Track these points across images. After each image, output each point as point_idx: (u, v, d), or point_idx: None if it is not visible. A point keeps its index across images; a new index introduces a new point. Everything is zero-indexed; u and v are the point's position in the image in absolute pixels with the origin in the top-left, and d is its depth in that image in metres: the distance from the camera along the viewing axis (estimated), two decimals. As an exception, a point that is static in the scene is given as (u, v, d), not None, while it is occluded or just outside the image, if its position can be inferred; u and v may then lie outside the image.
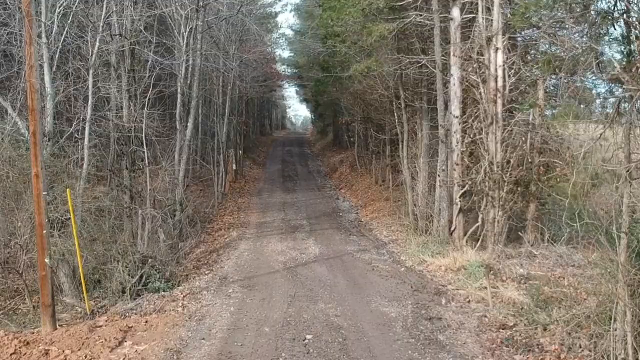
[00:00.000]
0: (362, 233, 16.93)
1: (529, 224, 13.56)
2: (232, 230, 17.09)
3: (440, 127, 13.92)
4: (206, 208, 21.25)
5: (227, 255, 13.61)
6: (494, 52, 13.13)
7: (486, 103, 13.20)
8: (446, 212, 13.97)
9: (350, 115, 29.72)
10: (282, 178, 30.30)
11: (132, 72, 14.85)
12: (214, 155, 23.12)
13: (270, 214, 20.48)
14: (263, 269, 11.88)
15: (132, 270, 10.60)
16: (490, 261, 11.57)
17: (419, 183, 16.61)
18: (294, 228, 17.51)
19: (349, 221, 19.42)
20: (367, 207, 21.90)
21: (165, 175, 14.79)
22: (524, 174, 13.02)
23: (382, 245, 14.69)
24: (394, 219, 18.56)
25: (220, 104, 23.80)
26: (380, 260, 12.87)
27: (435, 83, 15.08)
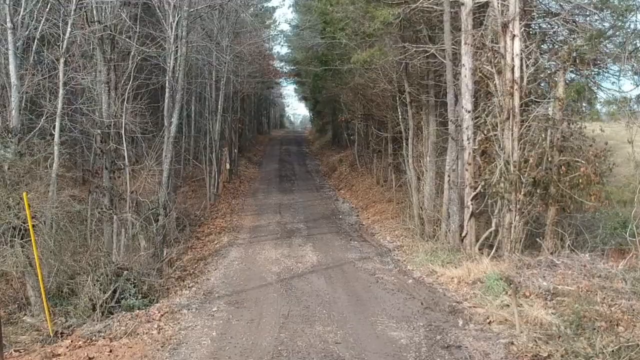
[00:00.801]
0: (364, 238, 15.65)
1: (549, 229, 12.30)
2: (223, 235, 15.80)
3: (451, 122, 12.65)
4: (197, 210, 19.97)
5: (216, 264, 12.31)
6: (510, 39, 11.86)
7: (502, 96, 11.93)
8: (457, 216, 12.69)
9: (350, 112, 28.42)
10: (279, 178, 29.01)
11: (111, 63, 13.56)
12: (206, 154, 21.82)
13: (266, 216, 19.20)
14: (254, 282, 10.59)
15: (104, 285, 9.31)
16: (510, 273, 10.29)
17: (425, 184, 15.34)
18: (290, 232, 16.23)
19: (349, 224, 18.15)
20: (369, 209, 20.64)
21: (149, 176, 13.48)
22: (543, 175, 11.76)
23: (386, 253, 13.41)
24: (397, 222, 17.29)
25: (213, 100, 22.50)
26: (384, 270, 11.59)
27: (444, 75, 13.81)
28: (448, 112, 12.76)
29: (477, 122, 12.64)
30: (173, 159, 17.78)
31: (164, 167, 12.68)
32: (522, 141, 11.92)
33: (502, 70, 11.97)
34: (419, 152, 16.28)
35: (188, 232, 16.87)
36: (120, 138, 13.28)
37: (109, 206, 12.98)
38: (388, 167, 23.48)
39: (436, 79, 14.41)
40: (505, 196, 11.83)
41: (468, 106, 12.47)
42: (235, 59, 25.02)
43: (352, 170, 28.89)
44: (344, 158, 32.74)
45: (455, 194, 12.67)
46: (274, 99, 71.45)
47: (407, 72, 15.14)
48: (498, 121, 11.97)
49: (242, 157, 33.47)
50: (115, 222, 11.27)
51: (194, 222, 18.21)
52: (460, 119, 12.67)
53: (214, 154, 21.79)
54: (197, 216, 19.30)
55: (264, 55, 33.85)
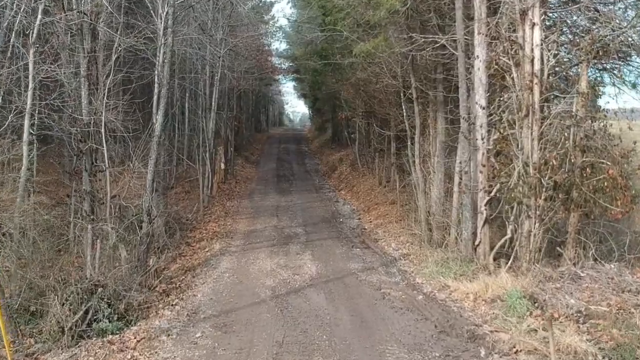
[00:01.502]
0: (367, 245, 14.54)
1: (570, 237, 11.19)
2: (215, 242, 14.67)
3: (463, 120, 11.52)
4: (189, 213, 18.84)
5: (204, 276, 11.19)
6: (529, 28, 10.74)
7: (520, 91, 10.82)
8: (469, 222, 11.57)
9: (350, 109, 27.31)
10: (277, 178, 27.88)
11: (91, 55, 12.42)
12: (200, 153, 20.68)
13: (262, 220, 18.07)
14: (245, 299, 9.47)
15: (75, 305, 8.20)
16: (532, 289, 9.19)
17: (433, 187, 14.22)
18: (288, 238, 15.11)
19: (350, 229, 17.03)
20: (371, 211, 19.52)
21: (133, 178, 12.35)
22: (566, 178, 10.65)
23: (392, 262, 12.29)
24: (402, 227, 16.18)
25: (207, 97, 21.35)
26: (391, 283, 10.48)
27: (455, 68, 12.70)
28: (460, 108, 11.63)
29: (491, 119, 11.54)
30: (159, 160, 16.70)
31: (148, 169, 11.54)
32: (543, 140, 10.82)
33: (520, 62, 10.85)
34: (426, 152, 15.16)
35: (178, 237, 15.74)
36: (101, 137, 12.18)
37: (89, 212, 11.86)
38: (391, 167, 22.35)
39: (446, 72, 13.28)
40: (524, 201, 10.73)
41: (482, 102, 11.35)
42: (230, 54, 23.88)
43: (353, 170, 27.77)
44: (344, 157, 31.62)
45: (467, 199, 11.55)
46: (272, 97, 70.29)
47: (413, 66, 13.99)
48: (516, 118, 10.86)
49: (238, 156, 32.33)
50: (90, 232, 10.14)
51: (185, 227, 17.08)
52: (473, 116, 11.55)
53: (207, 154, 20.65)
54: (189, 220, 18.17)
55: (261, 50, 32.72)
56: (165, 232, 15.75)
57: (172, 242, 15.23)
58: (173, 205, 20.61)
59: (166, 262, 13.59)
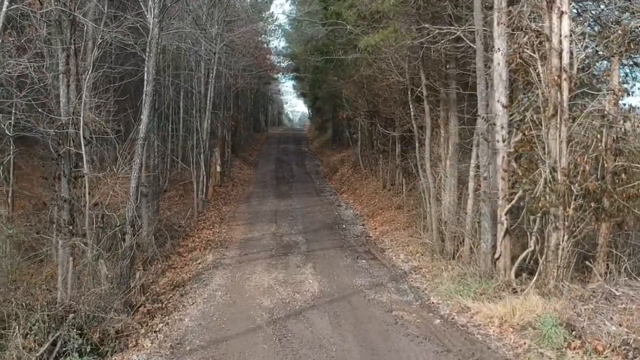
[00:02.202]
0: (373, 255, 13.40)
1: (601, 250, 10.07)
2: (208, 252, 13.52)
3: (481, 119, 10.37)
4: (182, 219, 17.71)
5: (194, 295, 10.05)
6: (557, 17, 9.60)
7: (546, 87, 9.68)
8: (489, 233, 10.42)
9: (352, 109, 26.18)
10: (276, 180, 26.73)
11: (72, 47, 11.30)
12: (194, 155, 19.52)
13: (259, 226, 16.93)
14: (239, 324, 8.33)
15: (40, 335, 7.08)
16: (567, 313, 8.07)
17: (445, 192, 13.09)
18: (287, 248, 13.97)
19: (354, 236, 15.91)
20: (375, 216, 18.38)
21: (117, 184, 11.20)
22: (598, 185, 9.53)
23: (402, 277, 11.16)
24: (410, 235, 15.05)
25: (202, 95, 20.19)
26: (403, 303, 9.35)
27: (471, 63, 11.57)
28: (478, 107, 10.49)
29: (512, 119, 10.40)
30: (149, 163, 15.57)
31: (132, 175, 10.39)
32: (572, 143, 9.70)
33: (546, 56, 9.72)
34: (436, 154, 14.03)
35: (169, 246, 14.62)
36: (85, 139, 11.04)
37: (67, 222, 10.73)
38: (395, 169, 21.24)
39: (459, 68, 12.12)
40: (551, 211, 9.60)
41: (502, 100, 10.21)
42: (227, 50, 22.74)
43: (355, 171, 26.63)
44: (346, 158, 30.50)
45: (487, 207, 10.40)
46: (271, 96, 69.12)
47: (423, 61, 12.85)
48: (543, 118, 9.72)
49: (236, 157, 31.20)
50: (61, 247, 8.99)
51: (177, 234, 15.94)
52: (493, 115, 10.41)
53: (202, 155, 19.50)
54: (182, 226, 17.04)
55: (259, 48, 31.59)
56: (155, 241, 14.66)
57: (162, 252, 14.11)
58: (166, 210, 19.52)
59: (155, 275, 12.48)
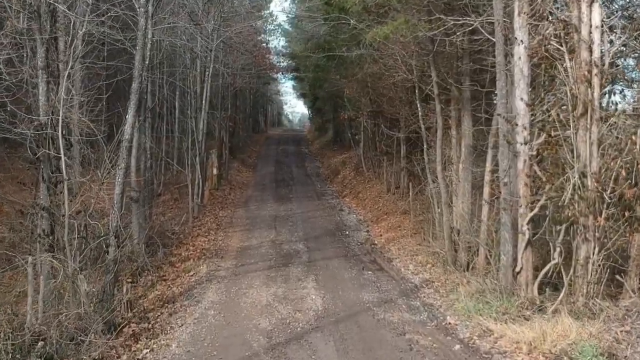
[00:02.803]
0: (380, 265, 12.44)
1: (633, 263, 9.12)
2: (202, 263, 12.56)
3: (502, 119, 9.40)
4: (176, 225, 16.75)
5: (184, 314, 9.08)
6: (587, 6, 8.66)
7: (575, 83, 8.74)
8: (509, 244, 9.45)
9: (354, 109, 25.25)
10: (275, 183, 25.77)
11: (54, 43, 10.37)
12: (189, 157, 18.55)
13: (258, 233, 15.98)
14: (233, 351, 7.36)
15: (2, 368, 6.11)
16: (606, 338, 7.12)
17: (457, 198, 12.13)
18: (288, 258, 13.02)
19: (358, 244, 14.95)
20: (380, 222, 17.43)
21: (101, 190, 10.24)
22: (634, 192, 8.58)
23: (413, 291, 10.20)
24: (419, 243, 14.11)
25: (197, 95, 19.25)
26: (417, 324, 8.39)
27: (487, 58, 10.66)
28: (497, 106, 9.54)
29: (534, 119, 9.46)
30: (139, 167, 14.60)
31: (116, 180, 9.43)
32: (603, 145, 8.76)
33: (575, 48, 8.79)
34: (446, 157, 13.09)
35: (161, 256, 13.66)
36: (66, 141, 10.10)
37: (48, 232, 9.78)
38: (400, 172, 20.30)
39: (478, 61, 11.15)
40: (580, 221, 8.66)
41: (524, 98, 9.27)
42: (224, 48, 21.81)
43: (357, 174, 25.68)
44: (348, 160, 29.55)
45: (507, 216, 9.44)
46: (271, 96, 68.23)
47: (434, 57, 11.90)
48: (570, 117, 8.78)
49: (234, 159, 30.25)
50: (31, 265, 8.01)
51: (170, 242, 14.98)
52: (513, 115, 9.46)
53: (198, 158, 18.55)
54: (176, 233, 16.07)
55: (258, 46, 30.67)
56: (146, 249, 13.71)
57: (153, 262, 13.16)
58: (160, 215, 18.56)
59: (144, 288, 11.53)
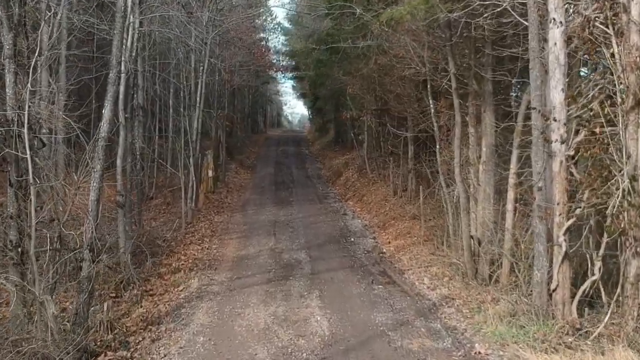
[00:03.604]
0: (391, 278, 11.21)
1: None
2: (193, 275, 11.34)
3: (536, 113, 8.15)
4: (168, 232, 15.49)
5: (169, 340, 7.82)
6: (638, -19, 7.44)
7: (623, 72, 7.52)
8: (544, 259, 8.21)
9: (357, 108, 24.04)
10: (275, 185, 24.52)
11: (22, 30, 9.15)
12: (182, 158, 17.28)
13: (256, 240, 14.74)
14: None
15: None
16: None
17: (478, 204, 10.89)
18: (288, 269, 11.79)
19: (365, 252, 13.73)
20: (387, 228, 16.20)
21: (76, 195, 8.99)
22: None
23: (432, 311, 8.96)
24: (432, 252, 12.89)
25: (192, 91, 18.00)
26: (440, 353, 7.15)
27: (515, 45, 9.43)
28: (531, 98, 8.29)
29: (570, 114, 8.23)
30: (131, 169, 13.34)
31: (91, 185, 8.19)
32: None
33: (624, 31, 7.56)
34: (465, 157, 11.85)
35: (149, 266, 12.40)
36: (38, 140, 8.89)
37: (16, 244, 8.54)
38: (408, 174, 19.07)
39: (508, 46, 9.87)
40: (631, 233, 7.44)
41: (561, 89, 8.04)
42: (220, 42, 20.60)
43: (361, 176, 24.43)
44: (350, 161, 28.31)
45: (542, 226, 8.19)
46: (270, 96, 67.09)
47: (452, 46, 10.67)
48: (618, 112, 7.55)
49: (232, 160, 29.03)
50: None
51: (161, 251, 13.72)
52: (548, 110, 8.23)
53: (191, 159, 17.29)
54: (167, 241, 14.81)
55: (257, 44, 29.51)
56: (133, 259, 12.48)
57: (141, 273, 11.91)
58: (151, 220, 17.33)
59: (129, 304, 10.28)
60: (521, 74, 9.43)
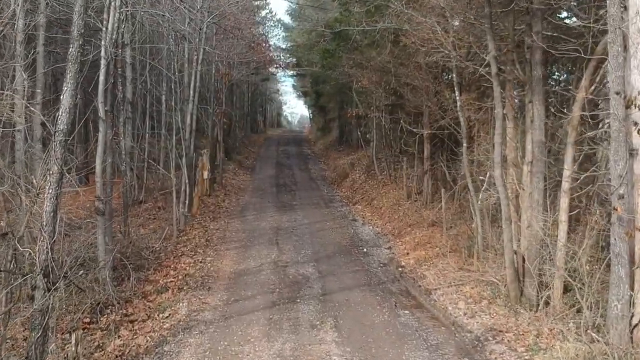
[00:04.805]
0: (416, 300, 9.46)
1: None
2: (183, 297, 9.56)
3: (618, 98, 6.36)
4: (156, 241, 13.70)
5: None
6: None
7: None
8: (624, 285, 6.44)
9: (365, 104, 22.28)
10: (276, 188, 22.73)
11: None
12: (173, 158, 15.47)
13: (256, 251, 12.99)
14: None
15: None
16: None
17: (523, 212, 9.10)
18: (295, 288, 10.03)
19: (381, 265, 12.01)
20: (403, 236, 14.43)
21: (35, 203, 7.21)
22: None
23: (477, 348, 7.19)
24: (460, 266, 11.13)
25: (185, 83, 16.23)
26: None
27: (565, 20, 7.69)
28: (610, 80, 6.51)
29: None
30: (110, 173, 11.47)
31: (47, 192, 6.41)
32: None
33: None
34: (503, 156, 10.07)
35: (132, 283, 10.61)
36: None
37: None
38: (424, 175, 17.31)
39: (554, 28, 8.14)
40: None
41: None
42: (217, 32, 18.84)
43: (369, 177, 22.66)
44: (356, 161, 26.52)
45: (623, 244, 6.41)
46: (270, 95, 65.36)
47: (492, 24, 8.89)
48: None
49: (230, 160, 27.25)
50: None
51: (147, 264, 11.94)
52: (631, 94, 6.46)
53: (184, 159, 15.49)
54: (155, 252, 13.02)
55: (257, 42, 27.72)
56: (115, 273, 10.73)
57: (122, 293, 10.15)
58: (139, 227, 15.50)
59: (104, 333, 8.53)
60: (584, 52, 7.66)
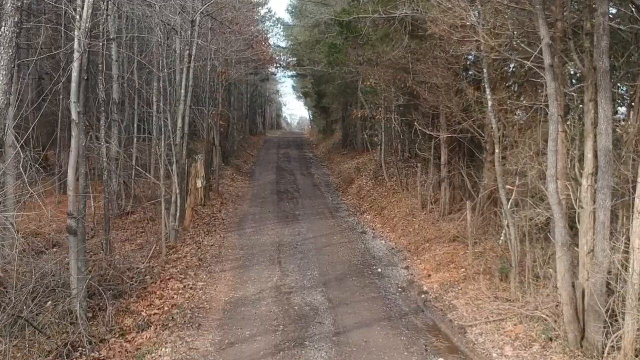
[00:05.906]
0: (450, 340, 7.81)
1: None
2: (167, 337, 7.90)
3: None
4: (142, 261, 12.02)
5: None
6: None
7: None
8: None
9: (372, 105, 20.68)
10: (277, 195, 21.05)
11: None
12: (162, 166, 13.76)
13: (256, 273, 11.34)
14: None
15: None
16: None
17: (582, 236, 7.43)
18: (302, 326, 8.37)
19: (399, 290, 10.40)
20: (422, 253, 12.78)
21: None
22: None
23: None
24: (494, 293, 9.46)
25: (176, 82, 14.57)
26: None
27: None
28: None
29: None
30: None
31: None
32: None
33: None
34: (553, 163, 8.41)
35: (109, 316, 8.92)
36: None
37: None
38: (441, 182, 15.65)
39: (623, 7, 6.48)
40: None
41: None
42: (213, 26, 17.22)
43: (377, 183, 21.00)
44: (362, 166, 24.88)
45: None
46: (269, 96, 63.79)
47: (544, 1, 7.25)
48: None
49: (227, 165, 25.60)
50: None
51: (129, 289, 10.26)
52: None
53: (175, 165, 13.81)
54: (141, 273, 11.34)
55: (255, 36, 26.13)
56: (90, 302, 9.10)
57: (95, 327, 8.50)
58: (125, 243, 13.86)
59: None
60: None
